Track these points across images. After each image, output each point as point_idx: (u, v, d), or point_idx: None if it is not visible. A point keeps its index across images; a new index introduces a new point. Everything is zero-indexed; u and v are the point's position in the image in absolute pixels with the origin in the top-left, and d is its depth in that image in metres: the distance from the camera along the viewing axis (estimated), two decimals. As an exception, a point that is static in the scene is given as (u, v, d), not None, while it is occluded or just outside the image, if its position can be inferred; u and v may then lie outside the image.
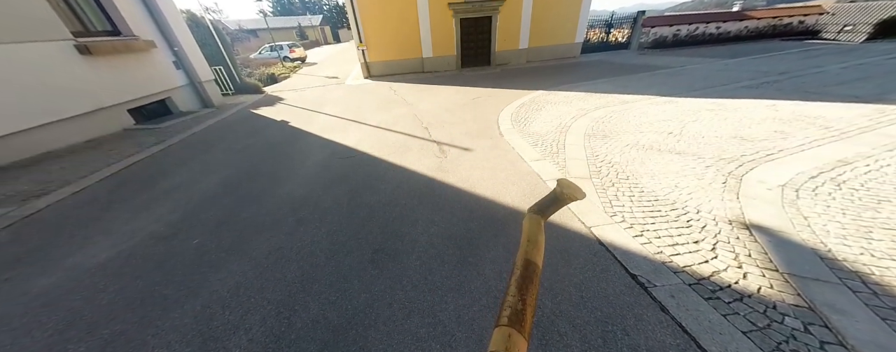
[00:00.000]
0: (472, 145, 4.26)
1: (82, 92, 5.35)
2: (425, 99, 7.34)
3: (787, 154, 3.32)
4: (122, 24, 6.22)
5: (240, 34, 32.82)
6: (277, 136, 5.32)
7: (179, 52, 7.28)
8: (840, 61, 7.96)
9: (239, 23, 42.71)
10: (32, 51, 4.76)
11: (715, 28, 13.90)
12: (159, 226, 2.84)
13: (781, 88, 5.95)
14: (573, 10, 11.68)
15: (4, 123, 4.43)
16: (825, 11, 14.34)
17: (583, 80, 8.19)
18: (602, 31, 14.11)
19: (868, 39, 11.81)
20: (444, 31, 11.03)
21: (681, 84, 6.90)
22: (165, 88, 7.00)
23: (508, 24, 11.35)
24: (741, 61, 9.14)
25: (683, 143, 3.82)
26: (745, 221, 2.36)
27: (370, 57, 11.09)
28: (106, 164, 4.38)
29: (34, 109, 4.72)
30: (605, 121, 4.81)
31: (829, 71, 7.00)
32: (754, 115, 4.56)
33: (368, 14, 10.29)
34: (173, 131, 5.88)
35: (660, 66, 9.28)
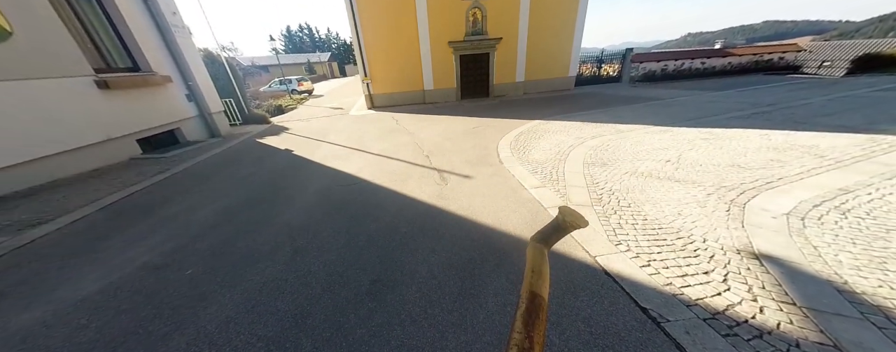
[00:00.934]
0: (472, 173, 4.30)
1: (95, 123, 5.52)
2: (426, 128, 7.55)
3: (786, 182, 3.33)
4: (143, 61, 6.59)
5: (252, 69, 34.74)
6: (280, 164, 5.39)
7: (193, 86, 7.64)
8: (824, 94, 8.31)
9: (252, 59, 45.46)
10: (54, 85, 4.99)
11: (700, 63, 14.72)
12: (153, 256, 2.77)
13: (771, 118, 6.14)
14: (565, 48, 12.47)
15: (13, 154, 4.51)
16: (802, 49, 15.30)
17: (578, 110, 8.49)
18: (594, 66, 14.95)
19: (847, 74, 12.45)
20: (444, 66, 11.68)
21: (674, 114, 7.14)
22: (176, 119, 7.24)
23: (505, 60, 12.05)
24: (729, 94, 9.55)
25: (682, 171, 3.85)
26: (753, 250, 2.30)
27: (374, 89, 11.62)
28: (107, 193, 4.38)
29: (45, 139, 4.84)
30: (602, 149, 4.90)
31: (815, 103, 7.28)
32: (748, 144, 4.66)
33: (374, 51, 10.98)
34: (178, 160, 5.96)
35: (651, 98, 9.67)
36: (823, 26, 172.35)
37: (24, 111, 4.63)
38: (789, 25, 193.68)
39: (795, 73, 14.53)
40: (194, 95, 7.72)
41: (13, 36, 4.54)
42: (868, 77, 10.98)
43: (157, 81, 6.68)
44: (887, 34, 60.38)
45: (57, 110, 4.99)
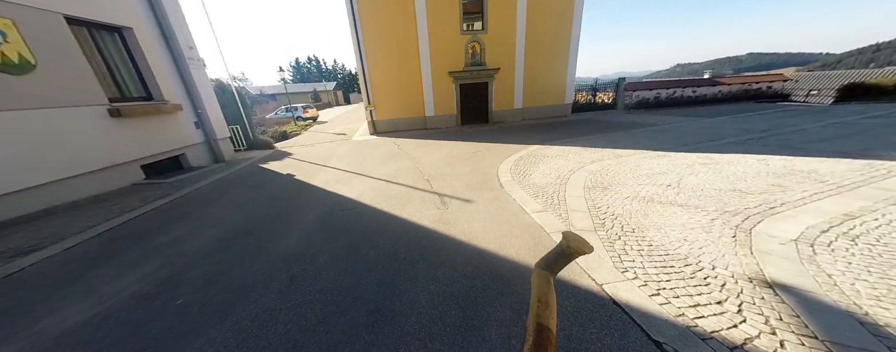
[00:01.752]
0: (473, 197, 4.28)
1: (102, 150, 5.60)
2: (427, 153, 7.66)
3: (790, 207, 3.30)
4: (156, 91, 6.83)
5: (260, 98, 36.12)
6: (282, 189, 5.40)
7: (202, 114, 7.86)
8: (816, 121, 8.52)
9: (261, 88, 47.51)
10: (68, 114, 5.13)
11: (692, 92, 15.29)
12: (144, 284, 2.67)
13: (767, 144, 6.24)
14: (560, 77, 13.04)
15: (19, 180, 4.53)
16: (788, 79, 15.97)
17: (576, 135, 8.66)
18: (588, 94, 15.52)
19: (835, 102, 12.86)
20: (445, 94, 12.13)
21: (670, 140, 7.27)
22: (182, 145, 7.36)
23: (503, 88, 12.54)
24: (723, 120, 9.80)
25: (684, 195, 3.84)
26: (766, 278, 2.22)
27: (377, 116, 11.97)
28: (105, 219, 4.33)
29: (51, 166, 4.88)
30: (602, 173, 4.92)
31: (809, 129, 7.44)
32: (747, 169, 4.69)
33: (377, 80, 11.48)
34: (180, 186, 5.97)
35: (647, 124, 9.91)
36: (805, 58, 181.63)
37: (35, 139, 4.73)
38: (773, 57, 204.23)
39: (785, 101, 15.03)
40: (202, 123, 7.92)
41: (36, 68, 4.76)
42: (856, 105, 11.33)
43: (168, 110, 6.88)
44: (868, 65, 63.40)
45: (67, 138, 5.10)
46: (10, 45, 4.51)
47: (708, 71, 18.06)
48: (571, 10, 12.05)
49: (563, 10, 12.01)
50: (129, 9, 6.37)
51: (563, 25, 12.22)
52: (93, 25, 5.85)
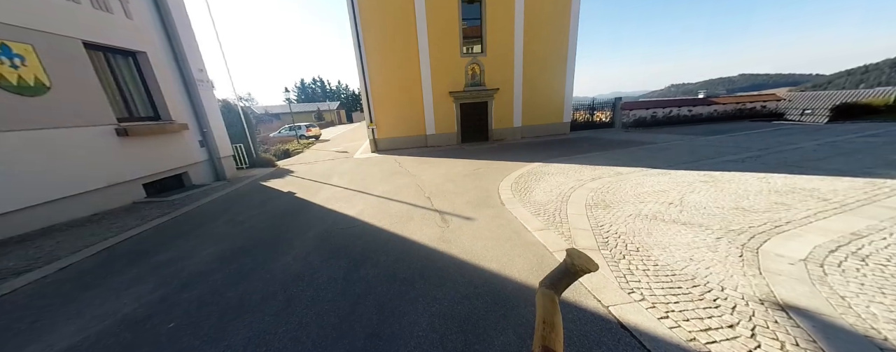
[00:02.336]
0: (474, 215, 4.25)
1: (106, 169, 5.61)
2: (428, 170, 7.70)
3: (795, 226, 3.26)
4: (164, 111, 6.95)
5: (265, 117, 36.92)
6: (282, 207, 5.37)
7: (207, 133, 7.97)
8: (813, 139, 8.61)
9: (266, 108, 48.66)
10: (76, 134, 5.19)
11: (687, 111, 15.59)
12: (136, 307, 2.60)
13: (766, 162, 6.28)
14: (558, 96, 13.37)
15: (19, 199, 4.51)
16: (781, 99, 16.34)
17: (575, 153, 8.74)
18: (586, 113, 15.82)
19: (830, 121, 13.07)
20: (446, 113, 12.39)
21: (669, 157, 7.32)
22: (186, 163, 7.40)
23: (502, 107, 12.83)
24: (720, 138, 9.91)
25: (686, 213, 3.81)
26: (777, 300, 2.15)
27: (378, 134, 12.16)
28: (102, 237, 4.28)
29: (54, 185, 4.88)
30: (603, 191, 4.91)
31: (806, 148, 7.50)
32: (749, 187, 4.68)
33: (380, 99, 11.78)
34: (180, 204, 5.95)
35: (645, 142, 10.02)
36: (796, 79, 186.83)
37: (41, 158, 4.75)
38: (764, 78, 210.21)
39: (780, 120, 15.27)
40: (207, 141, 8.03)
41: (50, 89, 4.87)
42: (850, 124, 11.51)
43: (174, 129, 6.98)
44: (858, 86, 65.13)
45: (72, 157, 5.13)
46: (28, 68, 4.64)
47: (702, 91, 18.53)
48: (567, 34, 12.58)
49: (558, 34, 12.54)
50: (144, 35, 6.65)
51: (558, 48, 12.71)
52: (109, 50, 6.07)
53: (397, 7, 10.94)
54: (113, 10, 6.00)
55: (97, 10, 5.71)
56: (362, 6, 10.63)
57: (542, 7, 12.00)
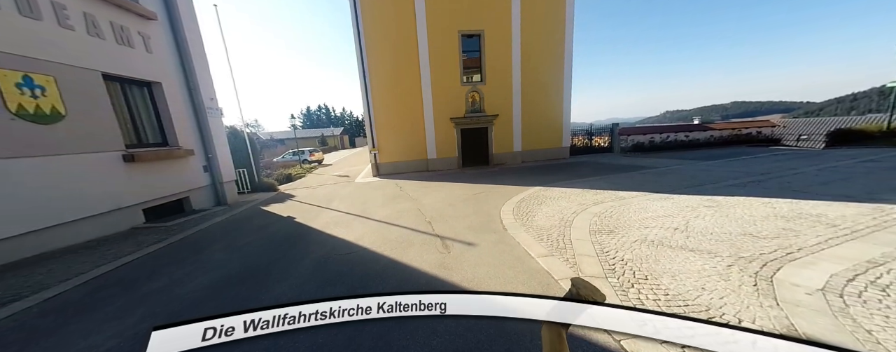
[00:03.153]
0: (476, 240, 4.16)
1: (108, 194, 5.53)
2: (429, 194, 7.67)
3: (806, 253, 3.16)
4: (173, 137, 7.03)
5: (270, 143, 37.63)
6: (281, 232, 5.29)
7: (212, 159, 7.96)
8: (812, 165, 8.65)
9: (271, 134, 49.79)
10: (83, 160, 5.17)
11: (684, 136, 15.85)
12: (120, 341, 2.46)
13: (768, 187, 6.25)
14: (556, 122, 13.69)
15: (19, 225, 4.40)
16: (775, 125, 16.68)
17: (576, 177, 8.75)
18: (585, 138, 16.12)
19: (827, 146, 13.22)
20: (447, 138, 12.63)
21: (670, 182, 7.31)
22: (188, 188, 7.34)
23: (502, 132, 13.09)
24: (720, 163, 9.97)
25: (693, 239, 3.72)
26: (800, 335, 2.02)
27: (380, 158, 12.31)
28: (95, 265, 4.14)
29: (54, 211, 4.77)
30: (606, 216, 4.84)
31: (807, 172, 7.51)
32: (754, 212, 4.61)
33: (383, 125, 12.08)
34: (178, 230, 5.83)
35: (645, 166, 10.07)
36: (788, 106, 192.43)
37: (46, 184, 4.69)
38: (756, 105, 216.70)
39: (777, 145, 15.47)
40: (211, 167, 8.02)
41: (65, 118, 4.94)
42: (847, 149, 11.62)
43: (181, 155, 7.00)
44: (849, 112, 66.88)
45: (77, 182, 5.05)
46: (46, 98, 4.72)
47: (697, 117, 19.00)
48: (562, 63, 13.18)
49: (554, 63, 13.14)
50: (161, 66, 6.90)
51: (555, 76, 13.25)
52: (126, 81, 6.27)
53: (401, 39, 11.60)
54: (135, 45, 6.30)
55: (120, 45, 6.00)
56: (369, 38, 11.28)
57: (538, 39, 12.70)
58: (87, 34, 5.40)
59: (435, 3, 11.49)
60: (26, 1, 4.58)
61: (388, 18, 11.37)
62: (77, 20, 5.26)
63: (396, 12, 11.39)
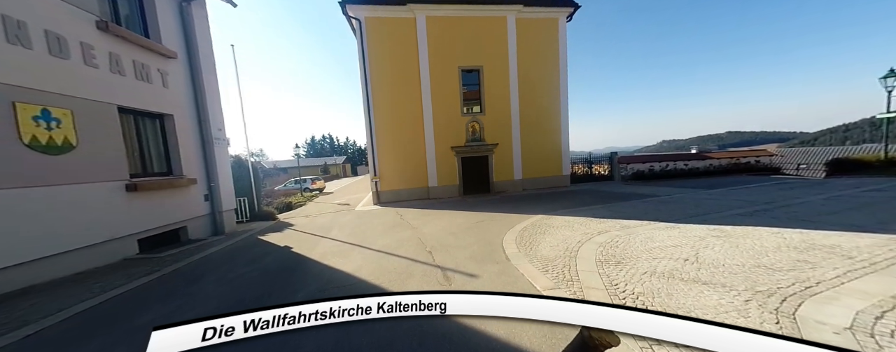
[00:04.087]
0: (478, 271, 4.00)
1: (105, 224, 5.35)
2: (430, 223, 7.55)
3: (826, 287, 3.00)
4: (178, 166, 7.02)
5: (273, 171, 37.95)
6: (276, 263, 5.13)
7: (214, 188, 7.84)
8: (816, 193, 8.58)
9: (275, 163, 50.50)
10: (86, 189, 5.06)
11: (684, 165, 15.97)
12: (91, 376, 2.26)
13: (775, 216, 6.14)
14: (555, 151, 13.90)
15: (11, 257, 4.22)
16: (772, 154, 16.89)
17: (579, 205, 8.65)
18: (585, 166, 16.25)
19: (828, 175, 13.24)
20: (448, 166, 12.76)
21: (674, 211, 7.20)
22: (187, 217, 7.15)
23: (502, 161, 13.25)
24: (722, 192, 9.91)
25: (705, 271, 3.56)
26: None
27: (382, 186, 12.33)
28: (80, 299, 3.93)
29: (49, 242, 4.59)
30: (612, 245, 4.70)
31: (813, 202, 7.42)
32: (765, 242, 4.48)
33: (384, 153, 12.29)
34: (171, 261, 5.61)
35: (647, 195, 10.01)
36: (782, 135, 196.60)
37: (46, 214, 4.57)
38: (750, 135, 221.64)
39: (777, 174, 15.51)
40: (212, 196, 7.88)
41: (75, 149, 4.92)
42: (848, 179, 11.61)
43: (183, 184, 6.92)
44: (844, 142, 68.11)
45: (76, 212, 4.92)
46: (60, 130, 4.76)
47: (694, 146, 19.32)
48: (558, 94, 13.71)
49: (550, 94, 13.66)
50: (175, 99, 7.09)
51: (552, 106, 13.71)
52: (139, 113, 6.41)
53: (404, 73, 12.23)
54: (153, 81, 6.53)
55: (138, 80, 6.20)
56: (374, 71, 11.91)
57: (534, 72, 13.36)
58: (109, 71, 5.61)
59: (436, 41, 12.30)
60: (57, 42, 4.82)
61: (392, 54, 12.10)
62: (102, 59, 5.48)
63: (400, 49, 12.14)
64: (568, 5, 13.26)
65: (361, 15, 11.68)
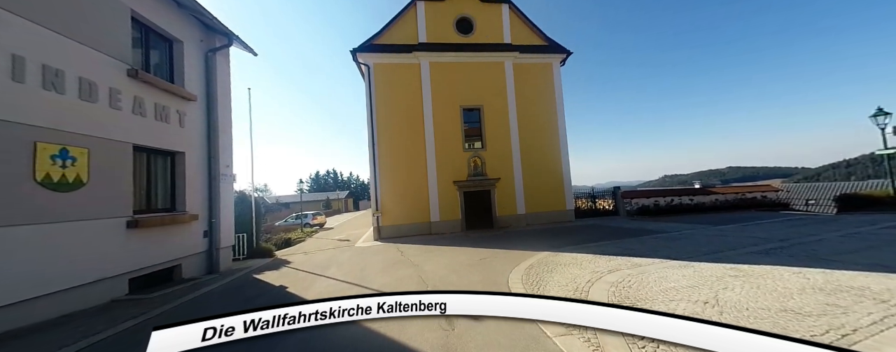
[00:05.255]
0: (482, 315, 3.73)
1: (99, 263, 5.03)
2: (432, 260, 7.27)
3: (865, 335, 2.75)
4: (182, 203, 6.80)
5: (275, 206, 37.85)
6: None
7: (215, 224, 7.53)
8: (831, 230, 8.30)
9: (278, 198, 50.57)
10: (87, 226, 4.84)
11: (689, 199, 15.78)
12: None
13: (793, 254, 5.87)
14: (558, 185, 13.89)
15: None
16: (778, 189, 16.75)
17: (585, 242, 8.37)
18: (588, 201, 16.09)
19: (839, 211, 12.94)
20: (450, 201, 12.70)
21: (686, 248, 6.93)
22: (183, 255, 6.78)
23: (505, 195, 13.19)
24: (733, 228, 9.63)
25: (729, 316, 3.30)
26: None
27: (383, 222, 12.16)
28: (57, 347, 3.63)
29: (39, 282, 4.29)
30: (625, 286, 4.43)
31: (830, 239, 7.15)
32: (788, 284, 4.22)
33: (387, 188, 12.35)
34: (160, 302, 5.28)
35: (655, 231, 9.72)
36: (784, 171, 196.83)
37: (40, 253, 4.33)
38: (752, 170, 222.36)
39: (786, 209, 15.20)
40: (212, 232, 7.57)
41: (84, 186, 4.81)
42: (861, 215, 11.32)
43: (185, 220, 6.68)
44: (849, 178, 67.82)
45: (71, 251, 4.64)
46: (74, 168, 4.71)
47: (697, 181, 19.31)
48: (557, 130, 14.11)
49: (550, 130, 14.05)
50: (189, 138, 7.13)
51: (551, 141, 14.02)
52: (153, 151, 6.34)
53: (408, 111, 12.83)
54: (171, 121, 6.65)
55: (158, 121, 6.33)
56: (379, 109, 12.52)
57: (532, 109, 13.92)
58: (131, 113, 5.75)
59: (439, 83, 13.11)
60: (89, 87, 5.02)
61: (397, 94, 12.83)
62: (127, 102, 5.65)
63: (405, 90, 12.92)
64: (561, 52, 14.35)
65: (370, 61, 12.67)
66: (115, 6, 5.70)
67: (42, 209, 4.42)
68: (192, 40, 7.52)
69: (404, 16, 13.22)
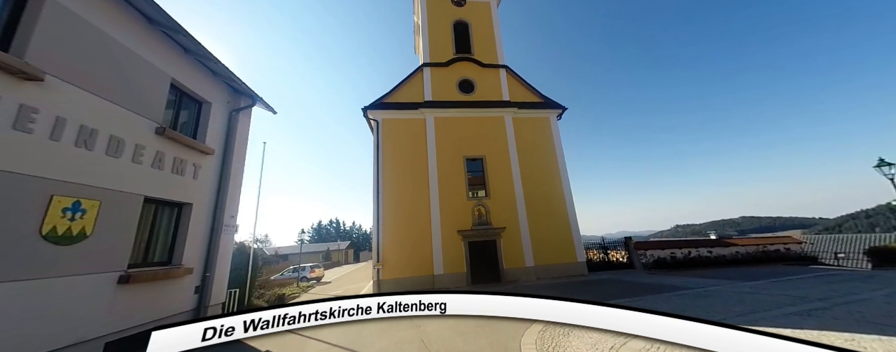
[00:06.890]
0: (492, 390, 3.21)
1: (79, 323, 4.46)
2: (434, 319, 6.59)
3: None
4: (179, 256, 6.32)
5: (273, 258, 36.50)
6: None
7: (209, 278, 6.99)
8: (875, 289, 7.55)
9: (277, 249, 48.97)
10: (76, 282, 4.44)
11: (707, 252, 14.90)
12: None
13: (838, 316, 5.25)
14: (565, 235, 13.37)
15: None
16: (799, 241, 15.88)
17: (602, 298, 7.62)
18: (600, 252, 15.27)
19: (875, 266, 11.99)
20: (454, 252, 12.18)
21: (716, 308, 6.27)
22: (167, 314, 6.00)
23: (511, 246, 12.65)
24: (763, 284, 8.84)
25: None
26: None
27: (383, 275, 11.53)
28: None
29: (5, 348, 3.71)
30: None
31: (875, 299, 6.46)
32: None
33: (390, 238, 12.02)
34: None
35: (677, 287, 8.95)
36: (801, 221, 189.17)
37: (18, 313, 3.84)
38: (768, 220, 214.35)
39: (814, 263, 14.15)
40: (203, 288, 6.94)
41: (86, 239, 4.51)
42: (900, 269, 10.43)
43: (177, 274, 6.18)
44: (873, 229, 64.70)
45: (53, 310, 4.14)
46: (81, 221, 4.43)
47: (712, 232, 18.50)
48: (559, 178, 14.18)
49: (553, 178, 14.14)
50: (200, 190, 7.00)
51: (556, 191, 13.98)
52: (162, 202, 6.07)
53: (413, 162, 13.24)
54: (186, 173, 6.62)
55: (173, 174, 6.29)
56: (386, 161, 12.97)
57: (534, 158, 14.24)
58: (150, 167, 5.75)
59: (443, 135, 13.82)
60: (116, 144, 5.09)
61: (403, 147, 13.45)
62: (149, 156, 5.56)
63: (411, 142, 13.58)
64: (556, 108, 15.37)
65: (379, 117, 13.65)
66: (158, 75, 6.17)
67: (35, 265, 4.02)
68: (220, 101, 8.04)
69: (412, 79, 14.69)
